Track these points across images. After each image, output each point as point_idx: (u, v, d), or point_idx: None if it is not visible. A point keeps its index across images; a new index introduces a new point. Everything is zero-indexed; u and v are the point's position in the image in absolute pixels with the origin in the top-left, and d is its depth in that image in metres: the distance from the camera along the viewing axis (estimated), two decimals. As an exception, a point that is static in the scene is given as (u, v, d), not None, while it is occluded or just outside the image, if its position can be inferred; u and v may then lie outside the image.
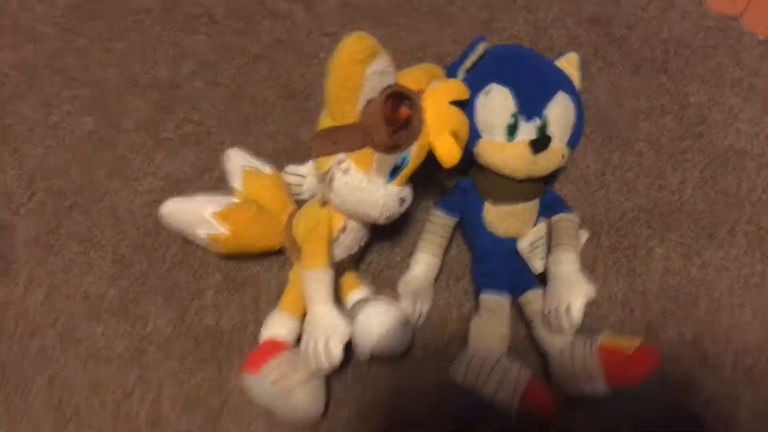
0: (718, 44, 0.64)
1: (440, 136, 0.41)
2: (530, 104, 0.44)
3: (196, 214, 0.45)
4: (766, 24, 0.64)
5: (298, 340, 0.44)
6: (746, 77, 0.61)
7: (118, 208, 0.52)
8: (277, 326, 0.45)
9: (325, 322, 0.41)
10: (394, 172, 0.42)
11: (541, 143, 0.43)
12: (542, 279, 0.46)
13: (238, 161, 0.50)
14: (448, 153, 0.41)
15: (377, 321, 0.42)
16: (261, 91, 0.59)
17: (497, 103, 0.44)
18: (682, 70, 0.62)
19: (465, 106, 0.44)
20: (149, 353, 0.46)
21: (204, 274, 0.50)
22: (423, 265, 0.48)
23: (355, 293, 0.47)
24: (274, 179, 0.50)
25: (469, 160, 0.47)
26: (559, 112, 0.44)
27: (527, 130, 0.44)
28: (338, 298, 0.44)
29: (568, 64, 0.48)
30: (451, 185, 0.53)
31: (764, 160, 0.56)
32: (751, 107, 0.59)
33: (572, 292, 0.42)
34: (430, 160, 0.43)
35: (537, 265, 0.46)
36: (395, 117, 0.39)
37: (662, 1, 0.67)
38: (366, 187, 0.40)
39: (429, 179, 0.51)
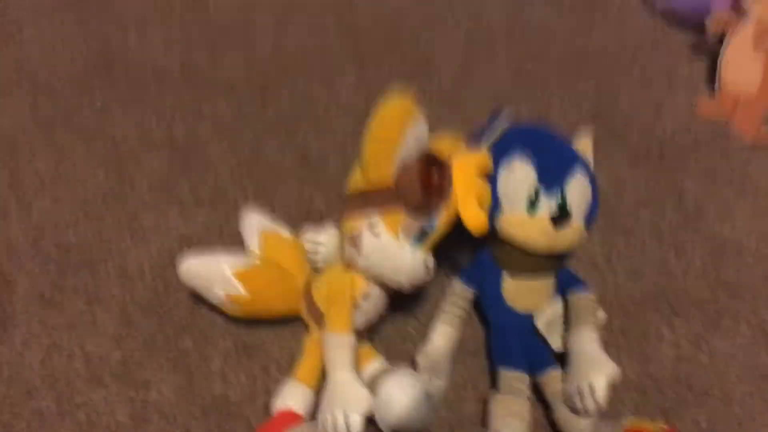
0: (709, 143, 0.68)
1: (468, 205, 0.42)
2: (551, 180, 0.45)
3: (217, 272, 0.44)
4: (749, 128, 0.69)
5: (314, 412, 0.43)
6: (738, 176, 0.65)
7: (127, 266, 0.51)
8: (291, 397, 0.43)
9: (345, 393, 0.40)
10: (421, 237, 0.42)
11: (562, 218, 0.44)
12: (559, 358, 0.46)
13: (256, 222, 0.50)
14: (476, 221, 0.42)
15: (403, 392, 0.40)
16: (277, 158, 0.59)
17: (519, 177, 0.45)
18: (678, 165, 0.65)
19: (488, 178, 0.45)
20: (152, 422, 0.43)
21: (213, 339, 0.48)
22: (442, 336, 0.47)
23: (371, 364, 0.46)
24: (292, 242, 0.49)
25: (488, 233, 0.47)
26: (578, 190, 0.46)
27: (547, 205, 0.45)
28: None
29: (583, 146, 0.50)
30: (464, 259, 0.53)
31: (759, 254, 0.58)
32: (743, 203, 0.62)
33: (596, 370, 0.41)
34: (448, 233, 0.44)
35: (556, 343, 0.46)
36: (429, 181, 0.40)
37: (656, 102, 0.71)
38: (394, 250, 0.41)
39: (443, 253, 0.51)
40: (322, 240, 0.50)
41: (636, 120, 0.69)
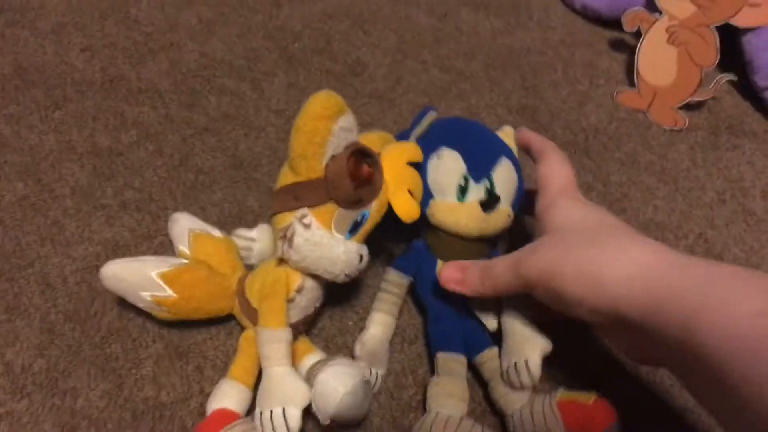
0: (630, 132, 0.71)
1: (399, 194, 0.43)
2: (479, 167, 0.46)
3: (141, 275, 0.42)
4: (667, 117, 0.73)
5: (250, 411, 0.42)
6: (657, 161, 0.68)
7: (49, 274, 0.49)
8: (227, 397, 0.42)
9: (281, 387, 0.40)
10: (354, 228, 0.42)
11: (491, 203, 0.46)
12: (495, 338, 0.46)
13: (185, 224, 0.48)
14: (407, 209, 0.43)
15: (340, 380, 0.40)
16: (207, 161, 0.58)
17: (449, 165, 0.46)
18: (602, 154, 0.68)
19: (418, 168, 0.46)
20: (80, 429, 0.41)
21: (143, 343, 0.46)
22: (379, 324, 0.47)
23: (309, 358, 0.45)
24: (224, 242, 0.48)
25: (420, 222, 0.48)
26: (504, 175, 0.47)
27: (476, 191, 0.46)
28: (292, 364, 0.42)
29: (506, 136, 0.52)
30: (399, 250, 0.53)
31: (680, 232, 0.61)
32: (664, 186, 0.65)
33: (529, 346, 0.42)
34: (382, 224, 0.44)
35: (491, 324, 0.46)
36: (358, 172, 0.40)
37: (579, 95, 0.74)
38: (327, 242, 0.40)
39: (378, 245, 0.51)
40: (254, 236, 0.49)
41: (561, 113, 0.71)
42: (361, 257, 0.43)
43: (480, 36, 0.79)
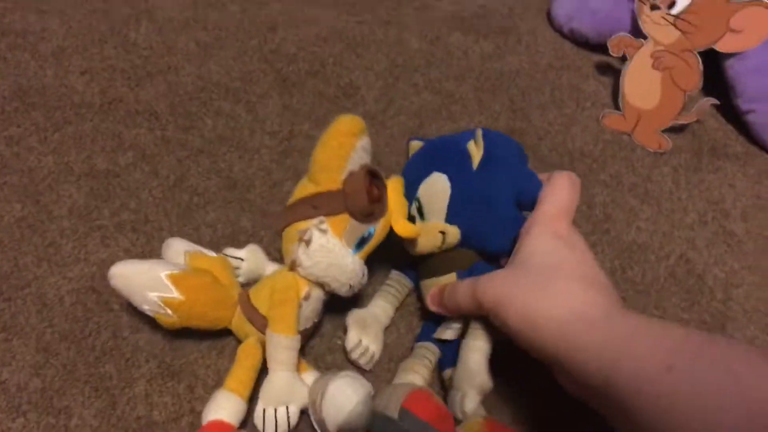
0: (615, 154, 0.73)
1: (398, 217, 0.46)
2: (408, 188, 0.49)
3: (150, 275, 0.44)
4: (651, 139, 0.75)
5: (243, 424, 0.43)
6: (641, 182, 0.70)
7: (45, 294, 0.50)
8: (222, 408, 0.43)
9: (287, 389, 0.43)
10: (360, 244, 0.45)
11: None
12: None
13: (179, 247, 0.50)
14: (406, 230, 0.46)
15: (353, 388, 0.42)
16: (202, 183, 0.60)
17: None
18: (587, 175, 0.70)
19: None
20: (73, 448, 0.43)
21: (136, 362, 0.47)
22: (376, 306, 0.51)
23: (307, 375, 0.47)
24: (219, 260, 0.50)
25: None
26: (428, 191, 0.48)
27: (413, 211, 0.49)
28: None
29: (471, 144, 0.50)
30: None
31: (662, 253, 0.63)
32: (648, 208, 0.67)
33: (470, 383, 0.43)
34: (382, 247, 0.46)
35: (440, 332, 0.48)
36: (370, 190, 0.44)
37: (566, 118, 0.76)
38: (339, 251, 0.44)
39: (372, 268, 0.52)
40: (243, 255, 0.51)
41: (548, 135, 0.73)
42: (364, 273, 0.46)
43: (470, 59, 0.81)
